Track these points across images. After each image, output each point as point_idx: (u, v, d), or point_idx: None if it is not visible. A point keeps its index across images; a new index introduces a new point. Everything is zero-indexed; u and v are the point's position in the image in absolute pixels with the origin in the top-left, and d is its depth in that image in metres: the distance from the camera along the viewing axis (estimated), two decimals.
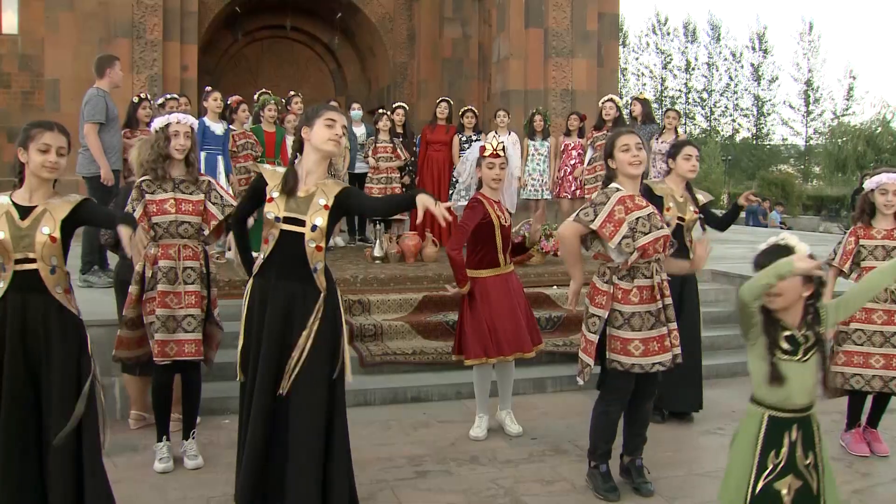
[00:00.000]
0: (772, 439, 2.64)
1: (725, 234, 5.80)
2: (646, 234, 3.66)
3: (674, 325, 3.79)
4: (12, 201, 3.08)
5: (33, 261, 3.02)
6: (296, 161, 3.38)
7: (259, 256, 3.34)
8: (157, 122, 4.13)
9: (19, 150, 3.04)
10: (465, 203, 4.61)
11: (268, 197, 3.28)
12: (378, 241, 8.09)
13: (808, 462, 2.65)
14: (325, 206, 3.26)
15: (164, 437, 4.17)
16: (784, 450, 2.63)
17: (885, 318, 4.41)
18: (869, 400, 4.61)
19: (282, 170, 3.37)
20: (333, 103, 9.37)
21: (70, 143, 3.14)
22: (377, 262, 7.86)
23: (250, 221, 3.82)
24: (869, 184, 4.49)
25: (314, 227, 3.24)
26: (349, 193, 3.37)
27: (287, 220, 3.24)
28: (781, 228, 19.48)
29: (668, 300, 3.78)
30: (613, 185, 3.80)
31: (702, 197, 5.10)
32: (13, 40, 16.09)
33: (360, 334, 6.01)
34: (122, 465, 4.16)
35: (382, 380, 5.54)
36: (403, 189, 9.05)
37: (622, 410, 3.87)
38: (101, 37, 11.07)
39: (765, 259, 2.64)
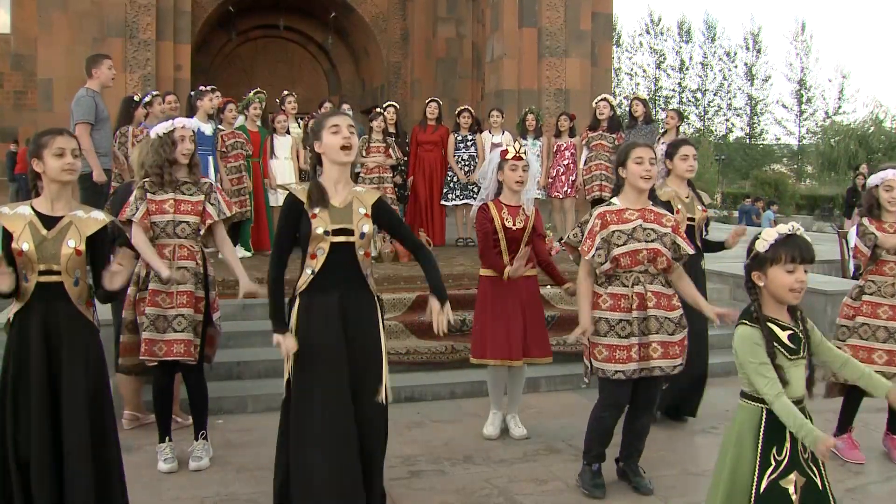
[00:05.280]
0: (772, 435, 2.55)
1: (718, 233, 5.80)
2: (619, 245, 3.71)
3: (658, 338, 3.74)
4: (34, 210, 3.05)
5: (57, 273, 2.99)
6: (317, 175, 3.35)
7: (304, 273, 3.26)
8: (162, 128, 4.09)
9: (34, 161, 3.01)
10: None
11: (311, 214, 3.24)
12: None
13: (806, 456, 2.56)
14: (366, 215, 3.32)
15: (167, 437, 4.15)
16: (787, 445, 2.54)
17: (891, 313, 4.31)
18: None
19: (304, 186, 3.33)
20: (328, 105, 9.39)
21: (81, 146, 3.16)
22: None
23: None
24: (874, 179, 4.39)
25: (362, 235, 3.30)
26: (381, 206, 3.42)
27: (336, 231, 3.24)
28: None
29: (654, 312, 3.73)
30: (609, 200, 3.91)
31: (706, 197, 5.06)
32: (6, 39, 16.06)
33: None
34: None
35: None
36: (395, 189, 9.04)
37: (618, 417, 3.87)
38: (95, 36, 11.04)
39: (781, 249, 2.55)
